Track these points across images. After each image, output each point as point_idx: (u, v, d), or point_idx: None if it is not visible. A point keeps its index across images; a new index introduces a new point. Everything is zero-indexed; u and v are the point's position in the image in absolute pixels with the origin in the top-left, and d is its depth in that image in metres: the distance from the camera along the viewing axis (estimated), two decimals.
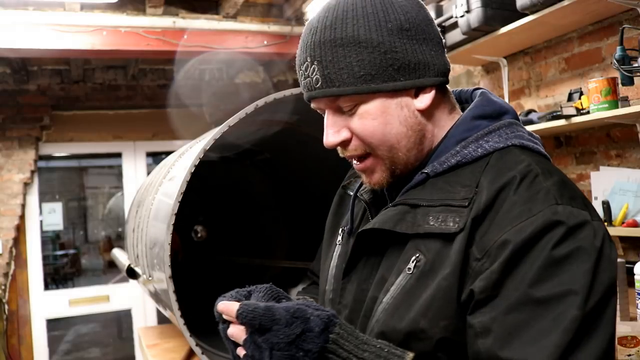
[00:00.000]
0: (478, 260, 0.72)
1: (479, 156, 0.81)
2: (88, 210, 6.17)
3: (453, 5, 2.66)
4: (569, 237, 0.69)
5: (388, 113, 0.82)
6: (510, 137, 0.82)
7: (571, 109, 2.21)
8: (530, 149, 0.82)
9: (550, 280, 0.68)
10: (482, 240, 0.73)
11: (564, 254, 0.68)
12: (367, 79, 0.80)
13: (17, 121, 4.20)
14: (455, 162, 0.81)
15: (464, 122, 0.85)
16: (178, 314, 1.46)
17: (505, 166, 0.78)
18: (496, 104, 0.87)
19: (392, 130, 0.82)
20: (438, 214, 0.78)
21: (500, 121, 0.84)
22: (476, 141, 0.82)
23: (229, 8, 3.47)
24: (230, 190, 2.83)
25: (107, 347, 5.34)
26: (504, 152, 0.81)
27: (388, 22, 0.80)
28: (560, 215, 0.70)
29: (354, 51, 0.79)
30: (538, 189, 0.73)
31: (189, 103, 4.41)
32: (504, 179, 0.76)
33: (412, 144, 0.84)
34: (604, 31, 2.36)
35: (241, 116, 1.51)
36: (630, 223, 2.14)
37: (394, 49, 0.80)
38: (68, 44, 3.21)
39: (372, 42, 0.79)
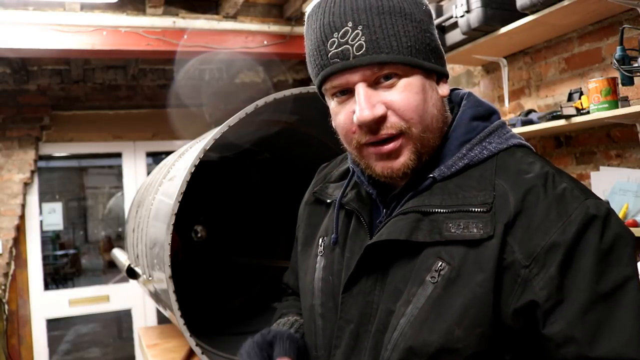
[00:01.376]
0: (526, 267, 0.70)
1: (485, 158, 0.80)
2: (88, 210, 6.17)
3: (453, 5, 2.66)
4: (606, 227, 0.71)
5: (426, 91, 0.79)
6: (508, 138, 0.83)
7: (571, 109, 2.22)
8: (526, 147, 0.84)
9: (609, 272, 0.69)
10: (523, 246, 0.71)
11: (609, 244, 0.70)
12: (413, 52, 0.77)
13: (17, 121, 4.20)
14: (463, 164, 0.80)
15: (464, 124, 0.83)
16: (178, 314, 1.46)
17: (519, 168, 0.78)
18: (485, 104, 0.87)
19: (429, 109, 0.79)
20: (458, 221, 0.75)
21: (493, 122, 0.85)
22: (480, 143, 0.81)
23: (229, 8, 3.48)
24: (230, 191, 2.83)
25: (107, 347, 5.34)
26: (508, 153, 0.81)
27: (421, 4, 0.81)
28: (592, 209, 0.72)
29: (401, 21, 0.77)
30: (562, 188, 0.74)
31: (189, 103, 4.41)
32: (526, 182, 0.75)
33: (438, 130, 0.82)
34: (604, 31, 2.36)
35: (241, 116, 1.51)
36: (630, 223, 2.14)
37: (430, 30, 0.81)
38: (68, 44, 3.21)
39: (416, 18, 0.78)
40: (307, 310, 0.93)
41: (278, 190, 2.75)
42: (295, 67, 4.72)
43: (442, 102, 0.83)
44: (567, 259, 0.70)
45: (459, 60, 3.02)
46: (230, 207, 2.88)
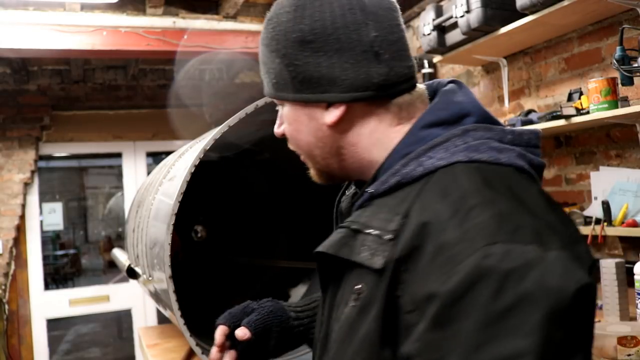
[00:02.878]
0: (409, 313, 0.60)
1: (418, 175, 0.68)
2: (88, 210, 6.17)
3: (453, 5, 2.66)
4: (508, 284, 0.54)
5: (299, 121, 0.79)
6: (458, 151, 0.68)
7: (571, 109, 2.22)
8: (486, 162, 0.67)
9: (493, 342, 0.53)
10: (411, 288, 0.60)
11: (504, 306, 0.54)
12: (279, 87, 0.78)
13: (17, 121, 4.20)
14: (395, 182, 0.70)
15: (412, 133, 0.73)
16: (178, 314, 1.46)
17: (438, 193, 0.64)
18: (455, 104, 0.74)
19: (303, 138, 0.80)
20: (372, 244, 0.67)
21: (457, 128, 0.70)
22: (417, 157, 0.69)
23: (229, 8, 3.48)
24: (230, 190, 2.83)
25: (107, 347, 5.34)
26: (446, 172, 0.66)
27: (293, 32, 0.75)
28: (493, 259, 0.56)
29: (270, 58, 0.79)
30: (469, 226, 0.59)
31: (189, 103, 4.41)
32: (431, 213, 0.62)
33: (328, 155, 0.79)
34: (604, 31, 2.36)
35: (241, 116, 1.51)
36: (630, 223, 2.14)
37: (295, 62, 0.75)
38: (68, 44, 3.21)
39: (280, 52, 0.76)
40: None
41: (278, 190, 2.75)
42: None
43: (325, 130, 0.77)
44: (445, 314, 0.56)
45: (459, 60, 3.02)
46: (230, 207, 2.88)
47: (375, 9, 0.74)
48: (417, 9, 3.52)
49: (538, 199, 0.65)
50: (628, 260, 2.22)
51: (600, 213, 2.24)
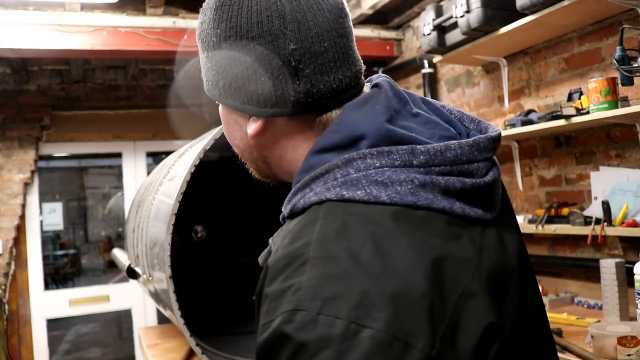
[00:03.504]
0: None
1: (301, 208, 0.62)
2: (88, 210, 6.17)
3: (453, 5, 2.66)
4: (298, 357, 0.50)
5: (229, 124, 0.75)
6: (331, 187, 0.60)
7: (571, 109, 2.22)
8: (360, 201, 0.58)
9: None
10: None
11: None
12: (209, 86, 0.74)
13: (17, 121, 4.20)
14: (288, 210, 0.65)
15: (305, 159, 0.65)
16: (178, 314, 1.46)
17: (290, 237, 0.59)
18: (348, 125, 0.63)
19: (233, 141, 0.76)
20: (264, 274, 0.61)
21: (345, 155, 0.61)
22: (302, 188, 0.63)
23: None
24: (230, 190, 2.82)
25: (107, 347, 5.34)
26: (315, 210, 0.60)
27: (212, 35, 0.69)
28: (291, 327, 0.51)
29: (201, 56, 0.74)
30: (290, 283, 0.54)
31: (189, 103, 4.40)
32: (274, 258, 0.58)
33: (257, 160, 0.75)
34: (604, 31, 2.36)
35: None
36: (630, 223, 2.14)
37: (217, 66, 0.69)
38: (68, 44, 3.21)
39: (205, 53, 0.72)
40: None
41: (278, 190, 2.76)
42: None
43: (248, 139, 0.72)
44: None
45: (459, 60, 3.02)
46: (230, 207, 2.88)
47: (299, 14, 0.64)
48: (417, 9, 3.52)
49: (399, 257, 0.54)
50: (628, 260, 2.22)
51: (600, 213, 2.24)
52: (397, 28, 3.84)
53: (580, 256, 2.55)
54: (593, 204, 2.38)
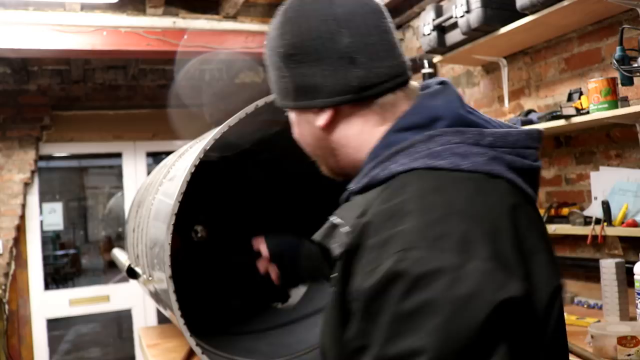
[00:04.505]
0: (351, 302, 0.66)
1: (382, 179, 0.73)
2: (88, 210, 6.17)
3: (453, 5, 2.66)
4: (415, 289, 0.59)
5: (301, 126, 0.87)
6: (418, 158, 0.71)
7: (571, 109, 2.22)
8: (445, 169, 0.69)
9: (398, 339, 0.59)
10: (353, 280, 0.66)
11: (409, 308, 0.59)
12: (281, 97, 0.86)
13: (17, 121, 4.20)
14: (365, 183, 0.75)
15: (385, 136, 0.77)
16: (178, 314, 1.46)
17: (387, 197, 0.69)
18: (427, 109, 0.76)
19: (306, 140, 0.88)
20: (338, 237, 0.73)
21: (426, 132, 0.73)
22: (384, 161, 0.74)
23: (229, 8, 3.48)
24: (230, 190, 2.82)
25: (107, 347, 5.34)
26: (402, 178, 0.70)
27: (279, 47, 0.82)
28: (405, 264, 0.60)
29: (271, 71, 0.86)
30: (396, 231, 0.63)
31: (189, 103, 4.40)
32: (373, 215, 0.68)
33: (327, 155, 0.86)
34: (604, 31, 2.36)
35: (241, 116, 1.51)
36: (630, 223, 2.14)
37: (284, 75, 0.82)
38: (68, 44, 3.21)
39: (274, 66, 0.84)
40: None
41: (278, 190, 2.76)
42: None
43: (319, 132, 0.84)
44: (368, 308, 0.63)
45: (459, 60, 3.02)
46: (230, 207, 2.88)
47: (349, 16, 0.78)
48: (417, 9, 3.52)
49: (487, 207, 0.65)
50: (628, 260, 2.22)
51: (600, 213, 2.24)
52: (397, 28, 3.84)
53: (580, 256, 2.55)
54: (593, 204, 2.38)
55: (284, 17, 0.83)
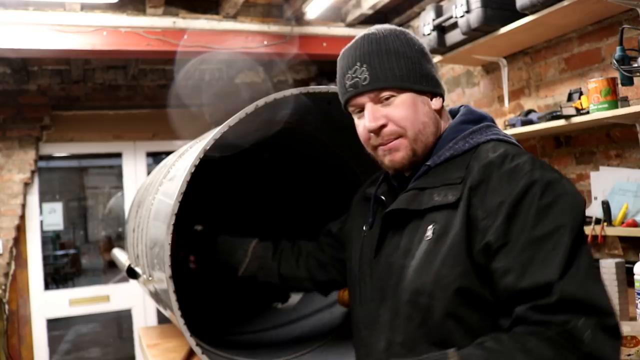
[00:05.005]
0: (483, 220, 0.96)
1: (466, 149, 1.07)
2: (88, 210, 6.17)
3: (453, 5, 2.66)
4: (548, 189, 0.94)
5: (417, 105, 1.09)
6: (489, 134, 1.09)
7: (571, 109, 2.22)
8: (506, 141, 1.09)
9: (544, 222, 0.91)
10: (483, 205, 0.97)
11: (548, 201, 0.93)
12: (404, 79, 1.08)
13: (17, 121, 4.20)
14: (449, 154, 1.08)
15: (454, 126, 1.12)
16: (178, 314, 1.46)
17: (487, 152, 1.04)
18: (476, 113, 1.15)
19: (419, 118, 1.09)
20: (440, 192, 1.03)
21: (479, 125, 1.11)
22: (463, 139, 1.09)
23: (229, 8, 3.47)
24: (231, 191, 2.82)
25: (107, 347, 5.34)
26: (487, 144, 1.07)
27: (414, 45, 1.11)
28: (537, 176, 0.95)
29: (394, 59, 1.08)
30: (516, 164, 0.98)
31: (189, 103, 4.40)
32: (488, 159, 1.01)
33: (431, 133, 1.10)
34: (604, 31, 2.36)
35: (241, 116, 1.51)
36: (630, 223, 2.14)
37: (419, 62, 1.10)
38: (68, 44, 3.21)
39: (406, 55, 1.09)
40: (352, 279, 1.24)
41: (278, 190, 2.75)
42: (295, 67, 4.72)
43: (433, 113, 1.12)
44: (512, 211, 0.93)
45: (459, 60, 3.02)
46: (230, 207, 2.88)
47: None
48: (417, 9, 3.52)
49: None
50: (628, 260, 2.22)
51: (600, 213, 2.24)
52: None
53: None
54: (593, 204, 2.38)
55: (402, 30, 1.13)
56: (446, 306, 0.97)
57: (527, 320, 0.88)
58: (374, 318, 1.11)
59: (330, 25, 3.78)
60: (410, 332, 1.01)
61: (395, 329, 1.04)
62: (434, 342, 0.98)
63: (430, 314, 0.98)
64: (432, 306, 0.98)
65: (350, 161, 2.02)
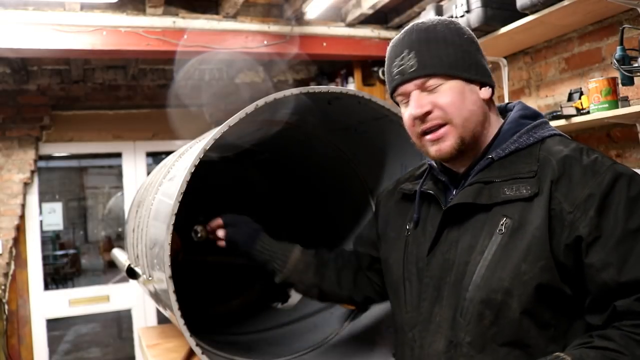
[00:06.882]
0: (570, 213, 0.94)
1: (531, 143, 1.06)
2: (88, 210, 6.17)
3: (453, 5, 2.66)
4: (632, 182, 0.95)
5: (464, 93, 1.07)
6: (550, 129, 1.09)
7: (571, 109, 2.22)
8: (566, 137, 1.09)
9: (635, 214, 0.92)
10: (568, 198, 0.95)
11: (635, 193, 0.93)
12: (452, 66, 1.07)
13: (17, 121, 4.19)
14: (514, 148, 1.06)
15: (514, 120, 1.10)
16: (178, 314, 1.46)
17: (559, 146, 1.03)
18: (532, 109, 1.14)
19: (467, 106, 1.07)
20: (511, 185, 1.00)
21: (538, 120, 1.10)
22: (527, 133, 1.07)
23: (229, 8, 3.47)
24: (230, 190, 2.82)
25: (107, 347, 5.34)
26: (552, 138, 1.07)
27: (464, 34, 1.10)
28: (620, 170, 0.96)
29: (443, 46, 1.07)
30: (594, 157, 0.99)
31: (189, 103, 4.40)
32: (565, 154, 1.00)
33: (479, 122, 1.09)
34: (604, 31, 2.36)
35: (241, 116, 1.51)
36: None
37: (468, 51, 1.09)
38: (68, 44, 3.21)
39: (455, 43, 1.08)
40: (395, 280, 1.19)
41: (278, 190, 2.75)
42: (295, 67, 4.72)
43: (481, 102, 1.09)
44: (602, 204, 0.93)
45: None
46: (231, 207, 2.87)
47: None
48: (417, 9, 3.52)
49: None
50: None
51: None
52: (397, 28, 3.84)
53: None
54: None
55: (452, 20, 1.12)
56: (524, 303, 0.94)
57: (635, 312, 0.88)
58: (425, 318, 1.07)
59: (330, 25, 3.78)
60: (480, 332, 0.97)
61: (460, 327, 1.00)
62: (505, 343, 0.96)
63: (505, 311, 0.95)
64: (508, 303, 0.95)
65: (351, 161, 2.02)
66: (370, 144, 1.86)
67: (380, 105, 1.58)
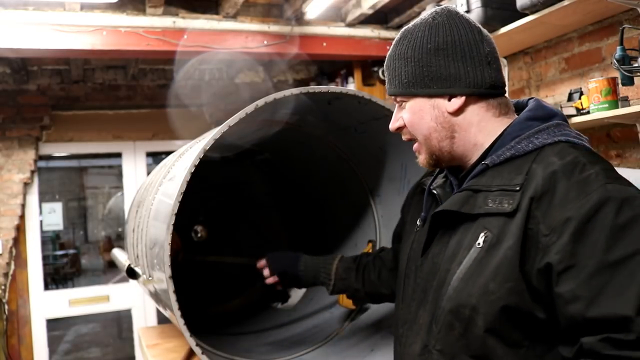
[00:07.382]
0: (546, 236, 0.87)
1: (529, 150, 0.97)
2: (88, 210, 6.17)
3: (453, 5, 2.66)
4: (625, 207, 0.83)
5: (423, 110, 1.06)
6: (557, 135, 0.98)
7: (571, 109, 2.22)
8: (576, 144, 0.97)
9: (619, 244, 0.82)
10: (546, 219, 0.87)
11: (624, 221, 0.83)
12: (410, 85, 1.05)
13: (17, 121, 4.19)
14: (509, 154, 0.99)
15: (519, 123, 1.02)
16: (178, 314, 1.46)
17: (554, 157, 0.94)
18: (546, 108, 1.04)
19: (425, 124, 1.06)
20: (496, 197, 0.95)
21: (550, 122, 1.00)
22: (527, 138, 0.99)
23: (229, 8, 3.47)
24: (230, 190, 2.82)
25: (107, 347, 5.34)
26: (553, 146, 0.97)
27: (428, 43, 1.03)
28: (612, 192, 0.85)
29: (403, 64, 1.06)
30: (588, 174, 0.88)
31: (189, 103, 4.40)
32: (555, 166, 0.91)
33: (443, 137, 1.05)
34: (604, 31, 2.36)
35: (241, 116, 1.51)
36: None
37: (429, 64, 1.03)
38: (68, 44, 3.21)
39: (414, 58, 1.04)
40: (399, 274, 1.20)
41: (278, 190, 2.75)
42: (295, 67, 4.72)
43: (445, 116, 1.04)
44: (579, 230, 0.84)
45: None
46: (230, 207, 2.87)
47: (485, 33, 1.06)
48: (417, 9, 3.52)
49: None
50: None
51: None
52: (397, 28, 3.84)
53: None
54: None
55: (434, 21, 1.05)
56: (489, 322, 0.91)
57: (598, 354, 0.81)
58: (412, 318, 1.08)
59: (330, 25, 3.78)
60: (450, 341, 0.96)
61: (433, 334, 0.99)
62: (474, 356, 0.93)
63: (471, 327, 0.93)
64: (474, 320, 0.92)
65: (350, 161, 2.02)
66: (370, 144, 1.86)
67: (380, 105, 1.58)
